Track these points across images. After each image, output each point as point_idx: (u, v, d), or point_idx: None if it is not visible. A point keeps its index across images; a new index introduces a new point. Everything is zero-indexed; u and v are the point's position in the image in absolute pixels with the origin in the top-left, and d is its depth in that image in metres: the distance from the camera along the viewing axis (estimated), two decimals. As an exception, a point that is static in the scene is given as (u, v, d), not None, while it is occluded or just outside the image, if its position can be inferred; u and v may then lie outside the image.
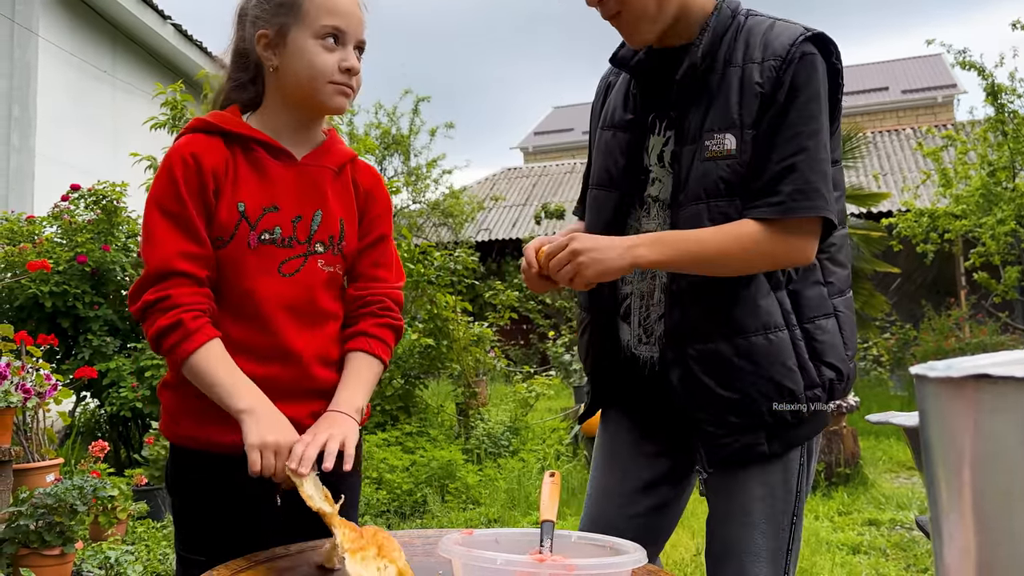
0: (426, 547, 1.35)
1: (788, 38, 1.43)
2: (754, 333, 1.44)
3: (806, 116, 1.42)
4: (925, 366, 0.49)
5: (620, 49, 1.63)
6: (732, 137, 1.42)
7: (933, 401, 0.48)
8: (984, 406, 0.44)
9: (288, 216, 1.44)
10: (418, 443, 5.87)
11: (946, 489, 0.48)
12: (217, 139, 1.43)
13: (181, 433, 1.46)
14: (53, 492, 3.18)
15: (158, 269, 1.36)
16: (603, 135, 1.64)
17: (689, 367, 1.47)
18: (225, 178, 1.41)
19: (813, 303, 1.48)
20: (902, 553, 3.97)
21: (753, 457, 1.49)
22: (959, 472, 0.46)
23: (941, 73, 21.23)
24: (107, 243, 5.73)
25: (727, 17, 1.49)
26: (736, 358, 1.44)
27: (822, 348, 1.47)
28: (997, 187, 9.40)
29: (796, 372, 1.45)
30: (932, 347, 10.19)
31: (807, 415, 1.48)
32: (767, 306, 1.45)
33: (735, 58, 1.45)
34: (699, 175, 1.44)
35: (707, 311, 1.46)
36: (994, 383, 0.43)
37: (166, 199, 1.39)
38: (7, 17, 7.37)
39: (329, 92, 1.44)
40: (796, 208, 1.39)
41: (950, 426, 0.46)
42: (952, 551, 0.48)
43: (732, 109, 1.42)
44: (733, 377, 1.45)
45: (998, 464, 0.44)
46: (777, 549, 1.53)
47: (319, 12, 1.42)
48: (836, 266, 1.54)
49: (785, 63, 1.41)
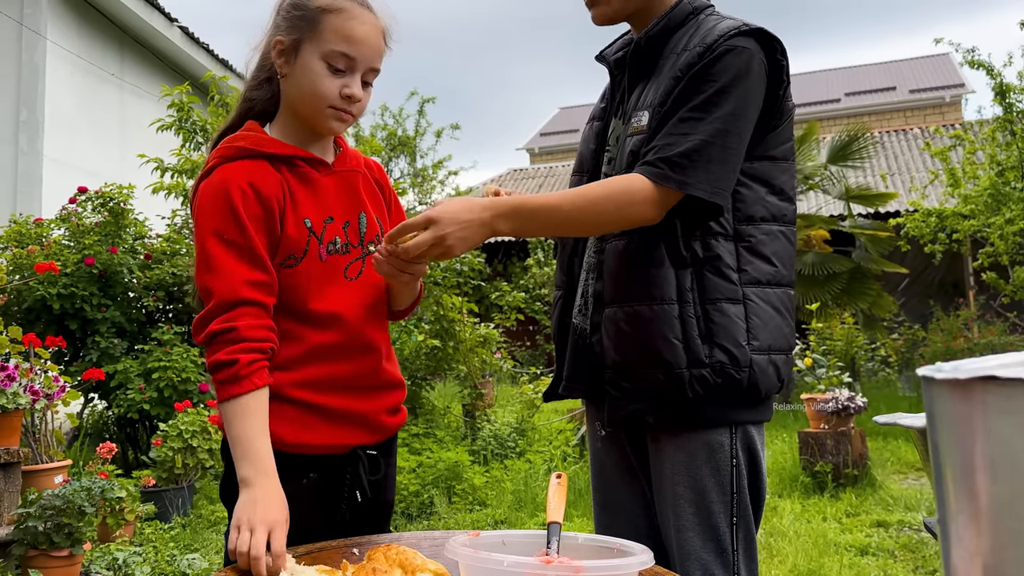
0: (433, 549, 1.35)
1: (722, 30, 1.48)
2: (639, 302, 1.50)
3: (715, 100, 1.44)
4: (932, 368, 0.49)
5: (606, 48, 1.75)
6: (646, 113, 1.51)
7: (940, 403, 0.48)
8: (991, 408, 0.44)
9: (340, 223, 1.50)
10: (425, 444, 5.88)
11: (954, 491, 0.48)
12: (263, 163, 1.45)
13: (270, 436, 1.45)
14: (61, 494, 3.19)
15: (225, 299, 1.36)
16: (585, 128, 1.76)
17: (601, 329, 1.57)
18: (285, 200, 1.45)
19: (717, 287, 1.49)
20: (910, 555, 3.96)
21: (642, 425, 1.55)
22: (967, 474, 0.46)
23: (949, 72, 21.16)
24: (115, 245, 5.76)
25: (685, 12, 1.57)
26: (624, 324, 1.52)
27: (716, 329, 1.47)
28: (1006, 187, 9.36)
29: (678, 346, 1.47)
30: (940, 347, 10.16)
31: (698, 395, 1.47)
32: (660, 279, 1.49)
33: (677, 47, 1.54)
34: (625, 150, 1.54)
35: (609, 279, 1.56)
36: (1002, 385, 0.43)
37: (227, 229, 1.39)
38: (15, 20, 7.41)
39: (326, 115, 1.45)
40: (660, 175, 1.43)
41: (957, 428, 0.46)
42: (960, 553, 0.48)
43: (657, 90, 1.51)
44: (622, 341, 1.52)
45: (1006, 466, 0.44)
46: (721, 552, 1.51)
47: (334, 36, 1.43)
48: (755, 257, 1.52)
49: (709, 50, 1.46)
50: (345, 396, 1.49)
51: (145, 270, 5.92)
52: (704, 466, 1.51)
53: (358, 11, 1.45)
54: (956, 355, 9.78)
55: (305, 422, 1.46)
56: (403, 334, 6.30)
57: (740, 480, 1.53)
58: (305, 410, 1.46)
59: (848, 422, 5.57)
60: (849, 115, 20.05)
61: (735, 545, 1.53)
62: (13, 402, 3.51)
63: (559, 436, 6.60)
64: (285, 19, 1.47)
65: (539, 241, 14.51)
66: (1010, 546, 0.44)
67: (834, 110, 20.71)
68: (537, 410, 7.07)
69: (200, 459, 4.78)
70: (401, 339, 6.26)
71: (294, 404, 1.45)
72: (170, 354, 5.42)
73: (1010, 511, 0.44)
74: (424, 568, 1.16)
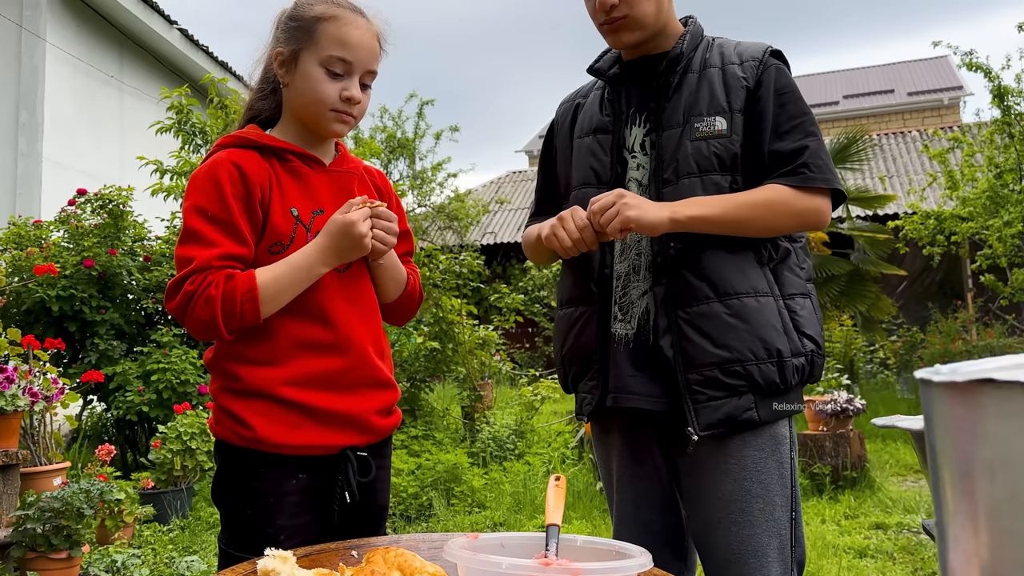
0: (432, 551, 1.35)
1: (759, 48, 1.65)
2: (745, 295, 1.54)
3: (803, 108, 1.61)
4: (929, 370, 0.49)
5: (596, 62, 1.79)
6: (723, 119, 1.58)
7: (938, 405, 0.48)
8: (989, 411, 0.44)
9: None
10: (424, 446, 5.87)
11: (951, 494, 0.48)
12: (253, 152, 1.52)
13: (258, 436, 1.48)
14: (60, 496, 3.19)
15: (200, 265, 1.41)
16: (581, 143, 1.76)
17: (682, 330, 1.55)
18: (271, 188, 1.50)
19: (791, 282, 1.60)
20: (909, 557, 3.96)
21: (742, 424, 1.53)
22: (964, 477, 0.46)
23: (947, 75, 21.19)
24: (114, 247, 5.76)
25: (700, 31, 1.71)
26: (729, 316, 1.53)
27: (801, 321, 1.58)
28: (1004, 189, 9.37)
29: (783, 335, 1.54)
30: (939, 350, 10.15)
31: (792, 384, 1.56)
32: (754, 275, 1.56)
33: (712, 62, 1.64)
34: (688, 152, 1.58)
35: (698, 276, 1.55)
36: (999, 388, 0.43)
37: (211, 205, 1.45)
38: (15, 23, 7.41)
39: (329, 118, 1.52)
40: (815, 179, 1.56)
41: (955, 431, 0.46)
42: (957, 556, 0.48)
43: (719, 97, 1.59)
44: (726, 335, 1.52)
45: (1003, 469, 0.44)
46: (782, 547, 1.55)
47: (329, 42, 1.50)
48: (806, 256, 1.67)
49: (762, 64, 1.62)
50: (333, 395, 1.51)
51: (144, 272, 5.91)
52: (770, 459, 1.57)
53: (352, 17, 1.51)
54: (954, 357, 9.79)
55: (293, 423, 1.48)
56: (402, 336, 6.30)
57: (795, 473, 1.61)
58: (293, 410, 1.48)
59: (847, 424, 5.57)
60: (847, 117, 20.07)
61: (793, 541, 1.57)
62: (12, 404, 3.51)
63: (558, 438, 6.60)
64: (284, 31, 1.54)
65: (538, 243, 14.48)
66: (1008, 548, 0.44)
67: (833, 112, 20.73)
68: (536, 412, 7.07)
69: (199, 461, 4.78)
70: (400, 341, 6.26)
71: (282, 404, 1.47)
72: (169, 356, 5.42)
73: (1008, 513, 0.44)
74: (423, 571, 1.16)
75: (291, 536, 1.48)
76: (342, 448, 1.53)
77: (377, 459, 1.61)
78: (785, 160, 1.57)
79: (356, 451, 1.56)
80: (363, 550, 1.34)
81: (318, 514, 1.54)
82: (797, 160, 1.56)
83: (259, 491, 1.49)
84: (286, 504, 1.49)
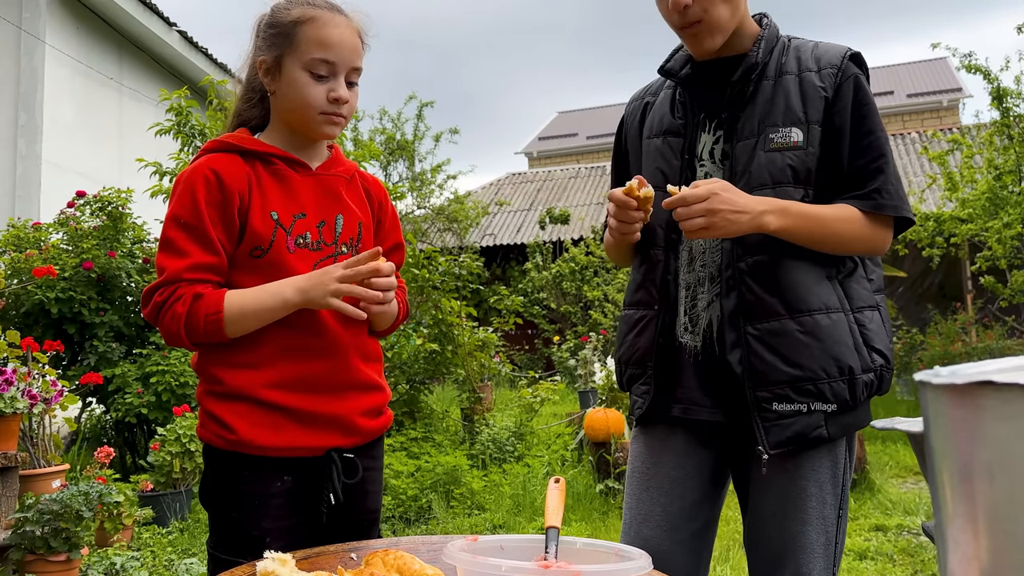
0: (431, 553, 1.35)
1: (837, 52, 1.59)
2: (817, 311, 1.52)
3: (879, 124, 1.58)
4: (928, 372, 0.49)
5: (668, 62, 1.73)
6: (798, 131, 1.54)
7: (937, 408, 0.48)
8: (988, 413, 0.44)
9: (314, 222, 1.54)
10: (423, 448, 5.87)
11: (950, 496, 0.48)
12: (235, 156, 1.52)
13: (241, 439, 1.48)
14: (59, 498, 3.19)
15: (170, 277, 1.45)
16: (650, 144, 1.72)
17: (751, 346, 1.52)
18: (250, 192, 1.49)
19: (860, 295, 1.58)
20: (909, 559, 3.96)
21: (812, 441, 1.53)
22: (963, 479, 0.46)
23: (946, 77, 21.20)
24: (113, 249, 5.75)
25: (775, 33, 1.64)
26: (801, 334, 1.51)
27: (871, 335, 1.55)
28: (1003, 191, 9.37)
29: (854, 352, 1.52)
30: (939, 351, 10.15)
31: (861, 400, 1.54)
32: (825, 290, 1.54)
33: (789, 68, 1.59)
34: (762, 164, 1.55)
35: (769, 291, 1.53)
36: (998, 390, 0.43)
37: (184, 213, 1.46)
38: (14, 24, 7.41)
39: (319, 121, 1.52)
40: (886, 206, 1.54)
41: (954, 433, 0.46)
42: (957, 558, 0.48)
43: (795, 107, 1.55)
44: (798, 353, 1.50)
45: (1003, 471, 0.44)
46: (828, 544, 1.55)
47: (310, 44, 1.49)
48: (875, 265, 1.65)
49: (841, 71, 1.56)
50: (316, 397, 1.52)
51: (143, 274, 5.91)
52: (826, 458, 1.56)
53: (330, 16, 1.50)
54: (954, 359, 9.79)
55: (277, 424, 1.49)
56: (401, 338, 6.30)
57: (848, 472, 1.60)
58: (276, 412, 1.49)
59: (846, 426, 5.56)
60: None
61: (838, 538, 1.57)
62: (11, 406, 3.51)
63: (558, 440, 6.59)
64: (264, 39, 1.53)
65: (537, 245, 14.50)
66: (1007, 551, 0.44)
67: (832, 114, 20.71)
68: (535, 414, 7.07)
69: (198, 463, 4.77)
70: (399, 343, 6.25)
71: (265, 407, 1.48)
72: (168, 358, 5.42)
73: (1007, 516, 0.44)
74: (422, 573, 1.16)
75: (277, 538, 1.48)
76: (327, 450, 1.53)
77: (366, 460, 1.60)
78: (860, 181, 1.55)
79: (342, 453, 1.56)
80: (362, 552, 1.34)
81: (305, 516, 1.54)
82: (872, 184, 1.54)
83: (244, 493, 1.50)
84: (271, 506, 1.50)
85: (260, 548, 1.39)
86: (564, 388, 9.42)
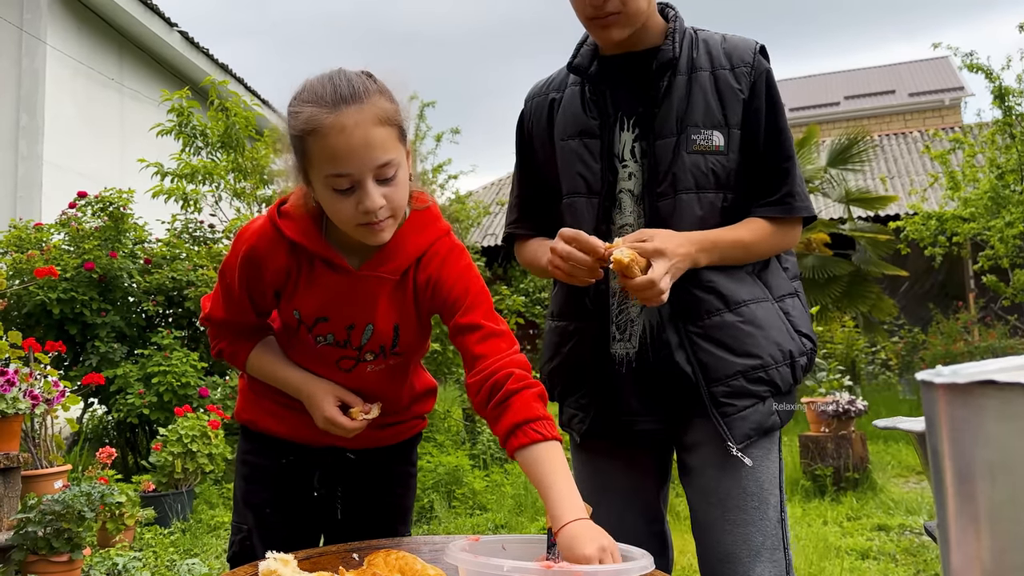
0: (433, 553, 1.35)
1: (747, 48, 1.59)
2: (753, 302, 1.56)
3: (786, 120, 1.61)
4: (931, 372, 0.49)
5: (575, 58, 1.67)
6: (719, 135, 1.54)
7: (939, 407, 0.48)
8: (990, 413, 0.44)
9: (341, 324, 1.47)
10: (425, 449, 5.87)
11: (952, 496, 0.48)
12: (284, 245, 1.44)
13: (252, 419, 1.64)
14: (61, 499, 3.19)
15: (205, 316, 1.58)
16: (566, 146, 1.65)
17: (697, 344, 1.53)
18: (284, 286, 1.47)
19: (779, 285, 1.63)
20: (912, 558, 3.95)
21: (767, 430, 1.56)
22: (965, 479, 0.46)
23: (948, 76, 21.18)
24: (114, 250, 5.76)
25: (683, 28, 1.62)
26: (743, 324, 1.54)
27: (796, 321, 1.61)
28: (1005, 190, 9.36)
29: (789, 337, 1.58)
30: (941, 351, 10.15)
31: (797, 383, 1.61)
32: (749, 283, 1.59)
33: (701, 63, 1.58)
34: (686, 166, 1.54)
35: (703, 290, 1.54)
36: (1000, 389, 0.43)
37: (228, 273, 1.50)
38: (15, 25, 7.42)
39: (360, 233, 1.36)
40: (797, 208, 1.59)
41: (956, 432, 0.46)
42: (959, 558, 0.48)
43: (714, 108, 1.55)
44: (744, 343, 1.53)
45: (1004, 471, 0.44)
46: (775, 548, 1.55)
47: (321, 160, 1.30)
48: (788, 255, 1.69)
49: (754, 69, 1.57)
50: None
51: (145, 275, 5.91)
52: (765, 459, 1.58)
53: (333, 121, 1.27)
54: (956, 358, 9.78)
55: (280, 415, 1.58)
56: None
57: (783, 475, 1.63)
58: (280, 405, 1.57)
59: (849, 425, 5.57)
60: (849, 118, 20.06)
61: (785, 541, 1.59)
62: (13, 407, 3.51)
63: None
64: (289, 141, 1.36)
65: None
66: (1009, 550, 0.44)
67: (834, 113, 20.72)
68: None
69: (200, 464, 4.77)
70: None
71: (270, 398, 1.58)
72: (170, 359, 5.42)
73: (1009, 515, 0.44)
74: (424, 573, 1.16)
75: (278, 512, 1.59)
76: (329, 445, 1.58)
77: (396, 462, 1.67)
78: (772, 185, 1.58)
79: (346, 452, 1.61)
80: (364, 552, 1.34)
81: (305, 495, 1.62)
82: (783, 187, 1.58)
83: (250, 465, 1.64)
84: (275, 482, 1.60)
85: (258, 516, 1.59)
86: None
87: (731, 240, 1.54)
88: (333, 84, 1.30)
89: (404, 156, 1.36)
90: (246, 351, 1.55)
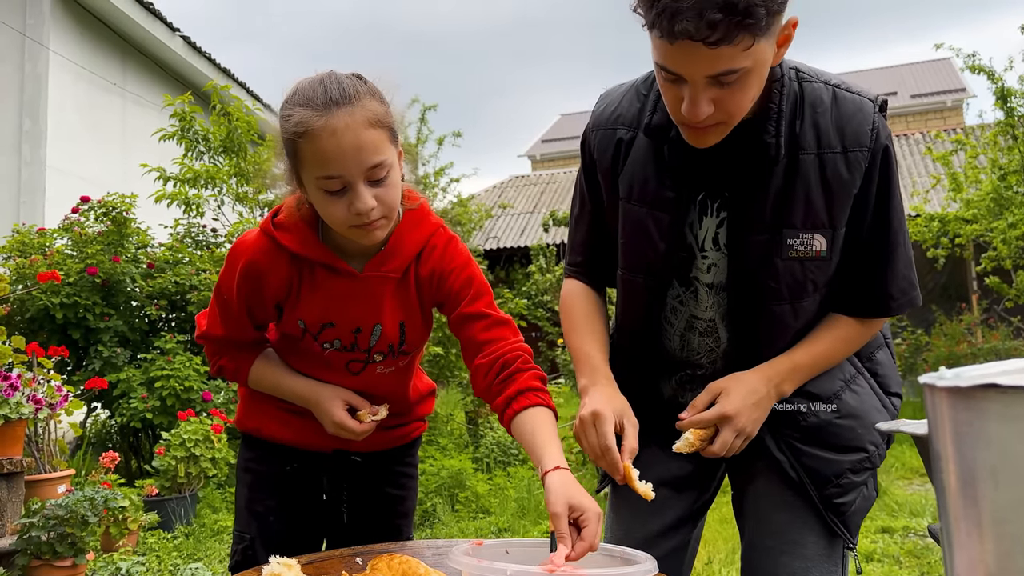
0: (436, 557, 1.35)
1: (865, 120, 1.34)
2: (845, 387, 1.46)
3: (900, 213, 1.40)
4: (933, 375, 0.49)
5: (654, 116, 1.41)
6: (822, 238, 1.34)
7: (942, 410, 0.48)
8: (993, 415, 0.44)
9: (347, 328, 1.48)
10: (428, 452, 5.86)
11: (956, 498, 0.48)
12: (284, 256, 1.44)
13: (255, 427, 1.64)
14: (64, 503, 3.19)
15: (201, 334, 1.58)
16: (631, 211, 1.44)
17: (798, 448, 1.44)
18: (287, 297, 1.48)
19: (869, 340, 1.50)
20: (915, 561, 3.94)
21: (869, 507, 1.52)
22: (968, 482, 0.46)
23: (950, 77, 21.16)
24: (117, 254, 5.76)
25: (794, 99, 1.35)
26: (842, 420, 1.44)
27: (886, 381, 1.51)
28: (1008, 191, 9.34)
29: (883, 411, 1.48)
30: (944, 352, 10.13)
31: None
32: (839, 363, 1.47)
33: (806, 143, 1.33)
34: (780, 275, 1.36)
35: (793, 393, 1.44)
36: (1003, 392, 0.43)
37: (225, 289, 1.50)
38: (18, 31, 7.43)
39: (353, 234, 1.36)
40: (894, 310, 1.43)
41: (959, 435, 0.46)
42: (962, 561, 0.48)
43: (818, 207, 1.33)
44: (847, 439, 1.44)
45: (1007, 474, 0.44)
46: None
47: (312, 163, 1.30)
48: None
49: (871, 153, 1.33)
50: None
51: (148, 279, 5.92)
52: None
53: (323, 123, 1.27)
54: (959, 360, 9.76)
55: (285, 420, 1.59)
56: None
57: None
58: (284, 410, 1.58)
59: (852, 428, 5.55)
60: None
61: None
62: (16, 412, 3.52)
63: (562, 443, 6.58)
64: (281, 144, 1.36)
65: (541, 247, 14.50)
66: (1012, 553, 0.44)
67: (835, 115, 20.67)
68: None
69: (203, 468, 4.78)
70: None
71: (274, 403, 1.59)
72: (173, 363, 5.42)
73: (1012, 518, 0.44)
74: (427, 577, 1.16)
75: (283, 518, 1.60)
76: (335, 449, 1.60)
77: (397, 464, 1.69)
78: (869, 283, 1.41)
79: (351, 455, 1.63)
80: (367, 557, 1.34)
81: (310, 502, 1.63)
82: (881, 288, 1.41)
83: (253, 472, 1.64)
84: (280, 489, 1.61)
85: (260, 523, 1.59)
86: (568, 391, 9.40)
87: (815, 359, 1.41)
88: (324, 87, 1.30)
89: (396, 157, 1.36)
90: (247, 366, 1.55)
